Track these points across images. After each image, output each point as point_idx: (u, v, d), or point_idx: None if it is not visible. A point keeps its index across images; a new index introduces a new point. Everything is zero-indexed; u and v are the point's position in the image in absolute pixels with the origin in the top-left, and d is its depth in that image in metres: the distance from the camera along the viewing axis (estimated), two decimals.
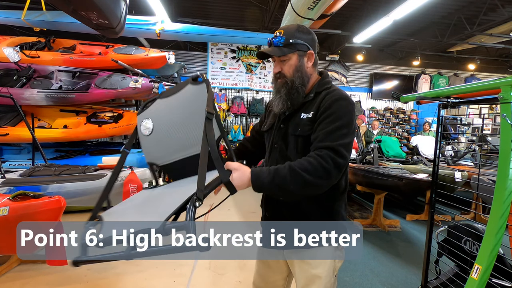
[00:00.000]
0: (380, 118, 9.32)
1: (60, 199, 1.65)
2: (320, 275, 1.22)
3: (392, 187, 3.86)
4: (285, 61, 1.23)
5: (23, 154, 4.19)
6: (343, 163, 1.10)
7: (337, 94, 1.19)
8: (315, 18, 4.47)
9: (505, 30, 6.55)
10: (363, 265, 3.07)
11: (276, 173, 1.07)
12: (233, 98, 8.64)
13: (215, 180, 1.06)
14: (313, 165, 1.06)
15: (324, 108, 1.16)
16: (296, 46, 1.21)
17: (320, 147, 1.11)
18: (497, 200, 1.40)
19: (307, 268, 1.23)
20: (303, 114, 1.22)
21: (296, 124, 1.23)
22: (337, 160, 1.08)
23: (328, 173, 1.07)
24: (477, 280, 1.38)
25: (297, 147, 1.22)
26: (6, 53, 4.17)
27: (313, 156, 1.09)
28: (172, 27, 5.37)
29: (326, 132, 1.12)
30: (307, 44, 1.23)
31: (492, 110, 8.62)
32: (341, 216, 1.27)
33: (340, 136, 1.12)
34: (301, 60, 1.23)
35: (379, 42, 8.37)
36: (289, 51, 1.21)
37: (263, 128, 1.42)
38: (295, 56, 1.22)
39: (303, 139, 1.20)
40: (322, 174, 1.07)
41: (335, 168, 1.08)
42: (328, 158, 1.07)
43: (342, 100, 1.17)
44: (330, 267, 1.24)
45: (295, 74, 1.23)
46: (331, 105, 1.16)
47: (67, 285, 1.99)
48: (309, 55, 1.25)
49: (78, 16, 3.19)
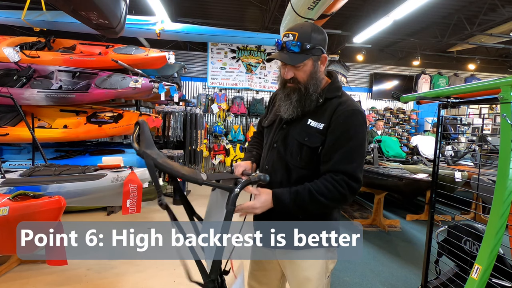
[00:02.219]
0: (380, 118, 9.33)
1: (60, 199, 1.65)
2: (311, 277, 1.21)
3: (392, 187, 3.86)
4: (299, 67, 1.14)
5: (23, 154, 4.18)
6: (358, 187, 1.12)
7: (351, 107, 1.15)
8: (315, 18, 4.46)
9: (505, 30, 6.55)
10: (363, 265, 3.07)
11: (296, 196, 1.10)
12: (233, 98, 8.64)
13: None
14: (330, 190, 1.09)
15: (338, 124, 1.12)
16: (312, 51, 1.12)
17: (336, 171, 1.11)
18: (497, 200, 1.40)
19: (298, 270, 1.22)
20: (311, 121, 1.17)
21: (302, 130, 1.18)
22: (352, 185, 1.10)
23: (344, 197, 1.10)
24: (477, 280, 1.38)
25: (301, 155, 1.18)
26: (6, 53, 4.17)
27: (330, 181, 1.10)
28: (172, 27, 5.37)
29: (342, 154, 1.11)
30: (321, 48, 1.15)
31: (492, 110, 8.61)
32: (333, 216, 1.25)
33: (355, 158, 1.12)
34: (316, 66, 1.16)
35: (379, 42, 8.37)
36: (305, 57, 1.12)
37: (263, 123, 1.39)
38: (311, 62, 1.14)
39: (309, 149, 1.16)
40: (339, 198, 1.10)
41: (350, 192, 1.10)
42: (344, 184, 1.09)
43: (356, 115, 1.14)
44: (321, 268, 1.22)
45: (310, 81, 1.16)
46: (346, 121, 1.12)
47: (67, 285, 1.99)
48: (323, 59, 1.18)
49: (78, 16, 3.19)
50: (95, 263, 2.28)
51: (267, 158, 1.28)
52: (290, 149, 1.20)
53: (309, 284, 1.21)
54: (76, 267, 2.19)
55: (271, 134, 1.29)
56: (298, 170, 1.18)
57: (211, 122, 8.60)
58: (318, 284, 1.22)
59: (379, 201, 4.25)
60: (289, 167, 1.20)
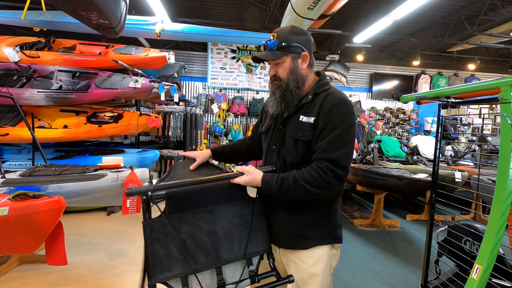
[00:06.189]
0: (380, 118, 9.34)
1: (60, 199, 1.64)
2: (318, 273, 1.24)
3: (392, 187, 3.86)
4: (279, 64, 1.25)
5: (23, 154, 4.18)
6: (344, 174, 1.15)
7: (336, 97, 1.20)
8: (315, 18, 4.46)
9: (505, 30, 6.55)
10: (363, 265, 3.07)
11: (282, 182, 1.14)
12: (233, 98, 8.64)
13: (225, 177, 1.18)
14: (315, 178, 1.12)
15: (324, 114, 1.18)
16: (290, 49, 1.22)
17: (322, 159, 1.14)
18: (497, 200, 1.40)
19: (304, 267, 1.25)
20: (303, 117, 1.23)
21: (295, 127, 1.24)
22: (337, 172, 1.12)
23: (329, 184, 1.13)
24: (477, 280, 1.38)
25: (296, 150, 1.23)
26: (6, 53, 4.16)
27: (315, 168, 1.13)
28: (172, 27, 5.37)
29: (327, 142, 1.15)
30: (301, 46, 1.23)
31: (492, 110, 8.62)
32: (337, 215, 1.29)
33: (341, 145, 1.14)
34: (295, 63, 1.24)
35: (379, 42, 8.38)
36: (282, 54, 1.23)
37: (260, 129, 1.45)
38: (289, 58, 1.24)
39: (304, 144, 1.22)
40: (324, 185, 1.12)
41: (336, 180, 1.13)
42: (328, 171, 1.12)
43: (341, 104, 1.19)
44: (326, 265, 1.26)
45: (290, 76, 1.24)
46: (330, 110, 1.17)
47: (67, 285, 1.99)
48: (303, 57, 1.25)
49: (78, 16, 3.19)
50: (95, 263, 2.28)
51: (268, 160, 1.33)
52: (287, 146, 1.26)
53: (316, 280, 1.24)
54: (76, 267, 2.19)
55: (269, 137, 1.35)
56: (295, 166, 1.22)
57: (211, 122, 8.60)
58: (323, 280, 1.25)
59: (379, 201, 4.25)
60: (287, 164, 1.25)
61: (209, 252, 1.09)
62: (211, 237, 1.10)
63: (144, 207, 1.06)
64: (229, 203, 1.16)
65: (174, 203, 1.10)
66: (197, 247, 1.08)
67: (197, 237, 1.09)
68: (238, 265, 1.14)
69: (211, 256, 1.09)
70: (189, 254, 1.06)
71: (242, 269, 1.14)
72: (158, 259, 1.03)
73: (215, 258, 1.09)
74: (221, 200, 1.16)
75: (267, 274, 1.17)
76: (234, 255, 1.12)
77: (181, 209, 1.10)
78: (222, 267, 1.10)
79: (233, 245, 1.12)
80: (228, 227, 1.13)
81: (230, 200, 1.17)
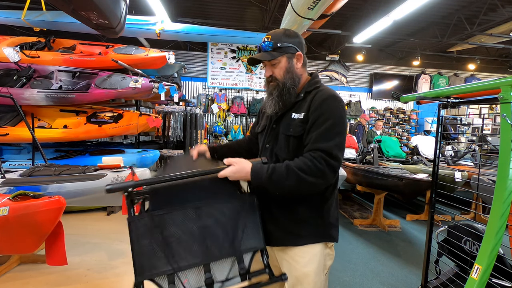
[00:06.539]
0: (380, 118, 9.34)
1: (60, 199, 1.64)
2: (309, 273, 1.24)
3: (392, 187, 3.86)
4: (275, 64, 1.27)
5: (23, 154, 4.18)
6: (337, 164, 1.15)
7: (326, 93, 1.23)
8: (315, 18, 4.46)
9: (505, 30, 6.55)
10: (363, 265, 3.07)
11: (273, 170, 1.13)
12: (233, 98, 8.64)
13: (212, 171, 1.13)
14: (308, 165, 1.12)
15: (314, 108, 1.20)
16: (285, 49, 1.26)
17: (314, 149, 1.15)
18: (497, 200, 1.40)
19: (297, 266, 1.25)
20: (294, 114, 1.26)
21: (287, 124, 1.27)
22: (330, 162, 1.13)
23: (323, 173, 1.12)
24: (477, 280, 1.38)
25: (288, 147, 1.25)
26: (6, 53, 4.16)
27: (308, 157, 1.14)
28: (172, 27, 5.37)
29: (319, 134, 1.16)
30: (294, 46, 1.27)
31: (492, 110, 8.62)
32: (330, 214, 1.28)
33: (332, 137, 1.16)
34: (291, 62, 1.28)
35: (379, 42, 8.38)
36: (278, 54, 1.26)
37: (256, 130, 1.47)
38: (285, 58, 1.27)
39: (295, 139, 1.24)
40: (317, 174, 1.12)
41: (329, 169, 1.13)
42: (321, 160, 1.12)
43: (330, 99, 1.21)
44: (319, 264, 1.26)
45: (286, 76, 1.27)
46: (320, 105, 1.20)
47: (67, 285, 1.99)
48: (297, 57, 1.29)
49: (78, 16, 3.19)
50: (95, 263, 2.28)
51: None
52: (280, 144, 1.28)
53: (308, 280, 1.24)
54: (76, 267, 2.19)
55: (263, 136, 1.37)
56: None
57: (211, 122, 8.60)
58: (316, 280, 1.25)
59: (379, 201, 4.25)
60: (279, 161, 1.26)
61: (195, 249, 1.06)
62: (198, 234, 1.07)
63: (129, 203, 1.05)
64: (218, 198, 1.12)
65: (158, 199, 1.07)
66: (181, 244, 1.05)
67: (182, 234, 1.06)
68: (228, 262, 1.11)
69: (197, 253, 1.06)
70: (171, 252, 1.03)
71: (231, 266, 1.11)
72: (143, 256, 1.02)
73: (202, 256, 1.06)
74: (210, 195, 1.12)
75: (260, 272, 1.13)
76: (223, 252, 1.08)
77: (166, 205, 1.07)
78: (211, 265, 1.08)
79: (223, 242, 1.09)
80: (217, 223, 1.10)
81: (220, 195, 1.13)
